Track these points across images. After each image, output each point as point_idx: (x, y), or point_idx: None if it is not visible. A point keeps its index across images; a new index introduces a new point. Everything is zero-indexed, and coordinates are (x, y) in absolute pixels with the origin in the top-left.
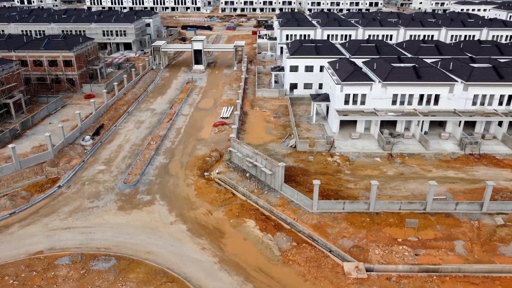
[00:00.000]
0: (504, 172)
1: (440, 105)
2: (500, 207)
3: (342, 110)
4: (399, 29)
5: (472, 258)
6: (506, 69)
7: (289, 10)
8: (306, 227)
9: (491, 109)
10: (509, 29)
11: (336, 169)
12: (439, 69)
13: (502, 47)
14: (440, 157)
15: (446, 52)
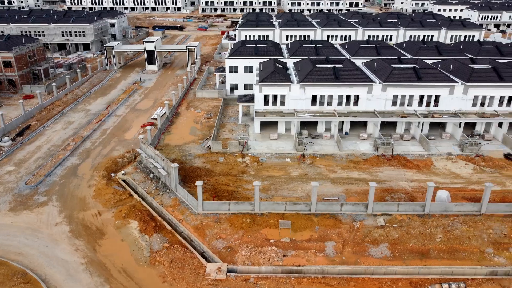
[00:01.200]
0: (408, 173)
1: (360, 106)
2: (385, 208)
3: (263, 110)
4: (358, 29)
5: (339, 260)
6: (425, 70)
7: (270, 10)
8: (188, 228)
9: (411, 110)
10: (467, 30)
11: (242, 169)
12: (358, 70)
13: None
14: (352, 158)
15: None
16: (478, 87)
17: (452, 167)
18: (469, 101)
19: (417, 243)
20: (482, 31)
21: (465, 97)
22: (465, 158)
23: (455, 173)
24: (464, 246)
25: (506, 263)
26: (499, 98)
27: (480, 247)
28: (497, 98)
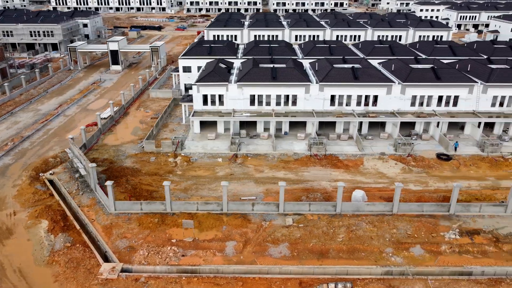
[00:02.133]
0: (335, 173)
1: (298, 106)
2: (297, 208)
3: (201, 110)
4: (326, 29)
5: (237, 259)
6: (363, 70)
7: (255, 10)
8: (97, 228)
9: (350, 109)
10: (435, 30)
11: (170, 169)
12: (298, 70)
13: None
14: (284, 158)
15: (337, 52)
16: (415, 86)
17: (381, 167)
18: (407, 100)
19: (317, 243)
20: (450, 31)
21: (403, 96)
22: (396, 158)
23: (382, 173)
24: (365, 246)
25: (403, 263)
26: (437, 98)
27: (380, 247)
28: (435, 98)
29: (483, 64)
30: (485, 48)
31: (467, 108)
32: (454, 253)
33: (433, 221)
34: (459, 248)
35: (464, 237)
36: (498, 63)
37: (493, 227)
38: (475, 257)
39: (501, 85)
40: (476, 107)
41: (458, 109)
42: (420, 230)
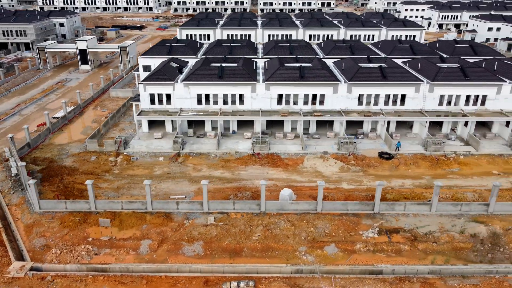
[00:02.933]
0: (271, 172)
1: (246, 105)
2: (221, 206)
3: (148, 109)
4: (298, 28)
5: (149, 258)
6: (310, 69)
7: (241, 10)
8: (20, 226)
9: (297, 108)
10: (407, 29)
11: (108, 168)
12: (244, 69)
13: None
14: (226, 157)
15: (299, 52)
16: (362, 85)
17: (320, 166)
18: (354, 99)
19: (232, 241)
20: (422, 31)
21: (350, 95)
22: (338, 157)
23: (319, 172)
24: (279, 244)
25: (314, 261)
26: (384, 97)
27: (295, 246)
28: (382, 97)
29: (432, 63)
30: (446, 47)
31: (414, 107)
32: (369, 252)
33: (355, 219)
34: (374, 247)
35: (383, 235)
36: (450, 62)
37: (414, 226)
38: (388, 256)
39: (447, 84)
40: (423, 106)
41: (406, 108)
42: (339, 229)
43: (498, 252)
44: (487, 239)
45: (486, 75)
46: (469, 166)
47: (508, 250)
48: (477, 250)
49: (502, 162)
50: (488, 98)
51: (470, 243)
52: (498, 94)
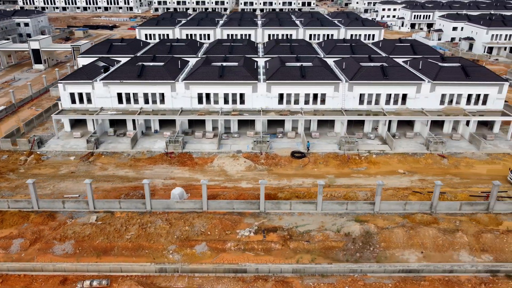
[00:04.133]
0: (177, 171)
1: (167, 104)
2: (107, 206)
3: (69, 108)
4: (257, 28)
5: (17, 257)
6: (229, 68)
7: (223, 10)
8: None
9: (218, 107)
10: (366, 29)
11: (14, 168)
12: (162, 68)
13: None
14: (139, 156)
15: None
16: (281, 85)
17: (228, 165)
18: (274, 98)
19: (104, 240)
20: (381, 30)
21: (270, 94)
22: (249, 156)
23: (224, 171)
24: (151, 243)
25: (180, 260)
26: (304, 96)
27: (166, 245)
28: (302, 96)
29: (356, 62)
30: (388, 46)
31: (335, 106)
32: (238, 251)
33: (238, 218)
34: (245, 246)
35: (259, 234)
36: (377, 61)
37: (294, 225)
38: (257, 255)
39: (366, 83)
40: (343, 105)
41: (326, 107)
42: (216, 228)
43: (367, 251)
44: (359, 238)
45: (406, 74)
46: (378, 165)
47: (378, 249)
48: (347, 249)
49: (413, 161)
50: (408, 97)
51: (342, 242)
52: (418, 93)
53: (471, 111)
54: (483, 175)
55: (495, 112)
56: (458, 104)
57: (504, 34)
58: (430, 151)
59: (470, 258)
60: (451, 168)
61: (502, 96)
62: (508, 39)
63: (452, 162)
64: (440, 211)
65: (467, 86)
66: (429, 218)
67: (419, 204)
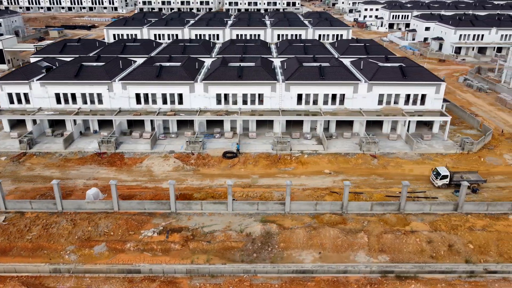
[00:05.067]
0: (104, 171)
1: (105, 104)
2: (19, 206)
3: (8, 109)
4: (224, 28)
5: None
6: (167, 68)
7: (208, 10)
8: None
9: (157, 107)
10: (334, 29)
11: None
12: (102, 69)
13: None
14: (71, 156)
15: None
16: (218, 85)
17: (157, 165)
18: (212, 99)
19: (5, 241)
20: (349, 30)
21: (208, 95)
22: (180, 156)
23: (150, 171)
24: (51, 243)
25: (76, 260)
26: (242, 96)
27: (65, 245)
28: (240, 96)
29: (298, 63)
30: (342, 46)
31: (273, 106)
32: (137, 251)
33: (146, 218)
34: (144, 246)
35: (163, 235)
36: (321, 61)
37: (201, 225)
38: (154, 255)
39: (302, 83)
40: (280, 105)
41: (264, 107)
42: (120, 228)
43: (265, 251)
44: (258, 239)
45: (343, 75)
46: (306, 165)
47: (277, 249)
48: (245, 250)
49: (343, 161)
50: (346, 97)
51: (242, 243)
52: (356, 93)
53: (409, 111)
54: (408, 176)
55: (433, 112)
56: (397, 104)
57: (472, 34)
58: (362, 151)
59: (366, 258)
60: (379, 168)
61: (439, 96)
62: (476, 39)
63: (382, 162)
64: (352, 211)
65: (404, 86)
66: (338, 218)
67: (330, 204)
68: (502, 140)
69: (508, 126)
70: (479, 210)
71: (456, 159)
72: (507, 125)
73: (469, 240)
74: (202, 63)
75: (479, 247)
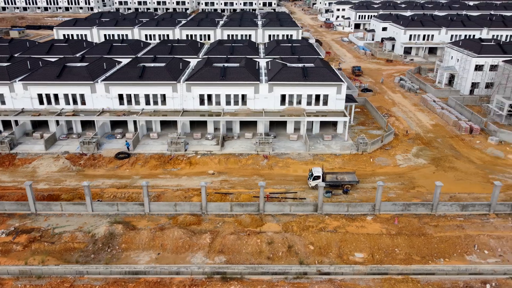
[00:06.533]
0: None
1: (8, 105)
2: None
3: None
4: (174, 28)
5: None
6: (70, 69)
7: (184, 10)
8: None
9: (59, 108)
10: (284, 29)
11: None
12: (4, 68)
13: None
14: None
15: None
16: (119, 85)
17: (44, 165)
18: (115, 99)
19: None
20: (299, 30)
21: (109, 95)
22: (72, 157)
23: (35, 172)
24: None
25: None
26: (144, 97)
27: None
28: (142, 97)
29: (205, 65)
30: (271, 47)
31: (177, 107)
32: None
33: (1, 219)
34: None
35: (11, 235)
36: (232, 61)
37: (53, 226)
38: None
39: (202, 84)
40: (182, 105)
41: (168, 107)
42: None
43: (104, 252)
44: (101, 240)
45: (244, 75)
46: (194, 166)
47: (117, 250)
48: (86, 251)
49: (233, 161)
50: (248, 97)
51: (84, 244)
52: (257, 93)
53: (311, 111)
54: (290, 176)
55: (336, 112)
56: (300, 105)
57: (422, 35)
58: (256, 152)
59: (202, 259)
60: (265, 169)
61: (341, 96)
62: (426, 39)
63: (271, 162)
64: (212, 212)
65: (305, 87)
66: (193, 219)
67: (190, 205)
68: (404, 140)
69: (420, 126)
70: (340, 211)
71: (348, 159)
72: (418, 125)
73: (311, 241)
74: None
75: (320, 248)
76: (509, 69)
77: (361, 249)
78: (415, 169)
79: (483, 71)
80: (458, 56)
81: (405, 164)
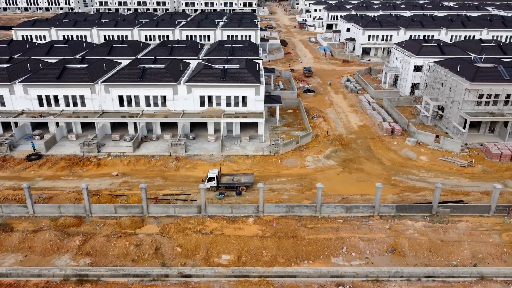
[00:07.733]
0: None
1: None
2: None
3: None
4: (132, 29)
5: None
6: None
7: (165, 10)
8: None
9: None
10: (241, 30)
11: None
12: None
13: None
14: None
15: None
16: (38, 86)
17: None
18: (34, 100)
19: None
20: (257, 31)
21: (28, 96)
22: None
23: None
24: None
25: None
26: (64, 98)
27: None
28: (61, 98)
29: (133, 67)
30: (213, 48)
31: (97, 108)
32: None
33: None
34: None
35: None
36: (161, 62)
37: None
38: None
39: (121, 85)
40: (101, 106)
41: (87, 109)
42: None
43: None
44: None
45: (162, 77)
46: (102, 167)
47: None
48: None
49: (143, 163)
50: (167, 98)
51: None
52: (176, 94)
53: (230, 112)
54: (191, 178)
55: (256, 113)
56: (219, 106)
57: (380, 35)
58: (169, 153)
59: (67, 262)
60: (170, 170)
61: (260, 98)
62: (385, 40)
63: (180, 164)
64: (96, 214)
65: (223, 88)
66: (73, 221)
67: (74, 207)
68: (323, 141)
69: (346, 127)
70: (224, 213)
71: (257, 160)
72: (345, 127)
73: (180, 243)
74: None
75: (187, 250)
76: (437, 69)
77: (230, 251)
78: (321, 171)
79: (422, 71)
80: (400, 56)
81: (312, 166)
